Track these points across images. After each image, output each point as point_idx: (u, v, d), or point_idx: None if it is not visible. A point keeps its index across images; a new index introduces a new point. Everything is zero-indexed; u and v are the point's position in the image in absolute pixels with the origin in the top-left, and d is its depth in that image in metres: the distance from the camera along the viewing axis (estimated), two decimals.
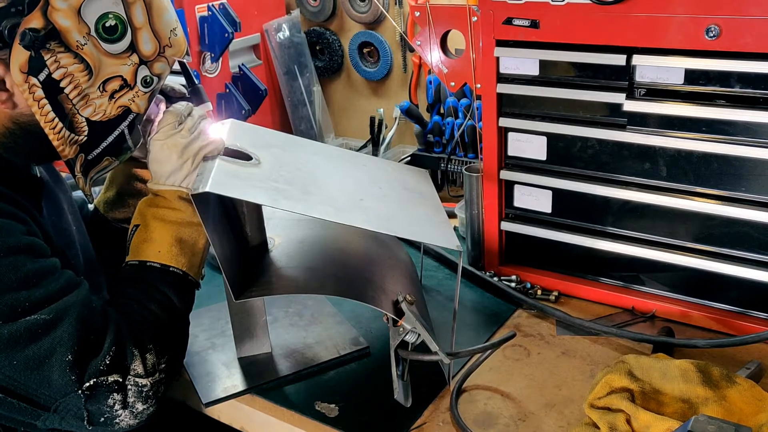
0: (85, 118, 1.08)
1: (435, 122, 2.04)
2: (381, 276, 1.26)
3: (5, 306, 0.97)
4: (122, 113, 1.12)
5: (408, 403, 1.15)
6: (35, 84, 1.02)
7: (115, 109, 1.11)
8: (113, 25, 1.05)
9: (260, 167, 1.20)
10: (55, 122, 1.05)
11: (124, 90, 1.10)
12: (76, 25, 1.02)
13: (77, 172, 1.13)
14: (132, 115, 1.13)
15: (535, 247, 1.51)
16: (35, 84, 1.02)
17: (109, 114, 1.10)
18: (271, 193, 1.12)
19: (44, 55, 1.01)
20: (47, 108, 1.04)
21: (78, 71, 1.04)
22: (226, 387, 1.27)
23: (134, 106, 1.12)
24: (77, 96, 1.06)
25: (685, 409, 1.06)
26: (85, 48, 1.03)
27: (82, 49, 1.03)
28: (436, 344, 1.10)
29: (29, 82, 1.01)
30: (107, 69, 1.07)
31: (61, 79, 1.03)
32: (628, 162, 1.33)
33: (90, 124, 1.09)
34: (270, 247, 1.30)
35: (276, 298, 1.47)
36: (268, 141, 1.33)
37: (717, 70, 1.19)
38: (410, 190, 1.37)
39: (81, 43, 1.03)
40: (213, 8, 1.88)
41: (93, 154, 1.13)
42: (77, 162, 1.12)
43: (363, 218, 1.16)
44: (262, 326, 1.34)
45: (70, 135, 1.08)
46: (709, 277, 1.32)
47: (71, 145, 1.09)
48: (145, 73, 1.11)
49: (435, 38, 1.53)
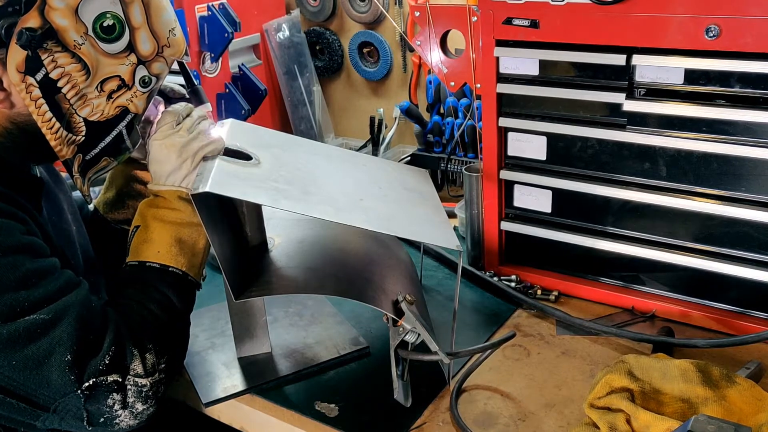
0: (83, 118, 1.08)
1: (435, 122, 2.04)
2: (381, 276, 1.26)
3: (4, 306, 0.97)
4: (120, 113, 1.12)
5: (408, 403, 1.15)
6: (32, 84, 1.01)
7: (113, 109, 1.11)
8: (111, 24, 1.05)
9: (260, 167, 1.20)
10: (53, 122, 1.05)
11: (122, 90, 1.10)
12: (74, 25, 1.01)
13: (75, 172, 1.12)
14: (130, 115, 1.13)
15: (535, 247, 1.51)
16: (32, 84, 1.01)
17: (107, 114, 1.10)
18: (271, 193, 1.12)
19: (41, 54, 1.00)
20: (44, 108, 1.04)
21: (75, 71, 1.04)
22: (226, 387, 1.27)
23: (132, 106, 1.12)
24: (75, 96, 1.06)
25: (685, 409, 1.06)
26: (83, 48, 1.03)
27: (80, 49, 1.03)
28: (436, 344, 1.10)
29: (26, 81, 1.01)
30: (105, 69, 1.07)
31: (58, 78, 1.03)
32: (628, 162, 1.33)
33: (88, 124, 1.09)
34: (270, 247, 1.30)
35: (276, 298, 1.47)
36: (268, 141, 1.33)
37: (717, 70, 1.19)
38: (410, 190, 1.37)
39: (78, 43, 1.03)
40: (213, 8, 1.88)
41: (91, 154, 1.13)
42: (75, 162, 1.11)
43: (363, 218, 1.16)
44: (262, 326, 1.34)
45: (68, 135, 1.08)
46: (709, 277, 1.32)
47: (69, 145, 1.09)
48: (144, 73, 1.11)
49: (435, 38, 1.53)
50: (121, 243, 1.22)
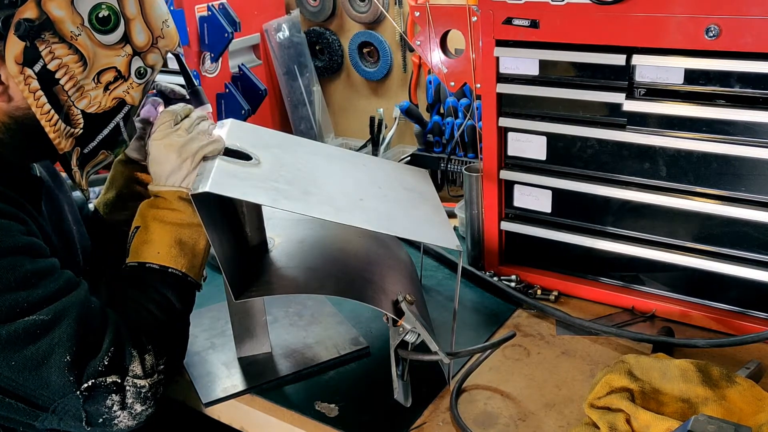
0: (81, 110, 1.09)
1: (435, 122, 2.04)
2: (381, 276, 1.26)
3: (4, 306, 0.97)
4: (117, 105, 1.12)
5: (408, 403, 1.15)
6: (30, 75, 1.02)
7: (110, 101, 1.11)
8: (106, 15, 1.06)
9: (260, 167, 1.20)
10: (51, 114, 1.06)
11: (118, 81, 1.11)
12: (70, 16, 1.02)
13: (74, 166, 1.13)
14: (127, 107, 1.14)
15: (535, 247, 1.51)
16: (30, 75, 1.02)
17: (104, 106, 1.11)
18: (271, 193, 1.12)
19: (39, 45, 1.01)
20: (43, 99, 1.04)
21: (73, 62, 1.05)
22: (226, 387, 1.27)
23: (129, 97, 1.13)
24: (72, 87, 1.06)
25: (685, 409, 1.06)
26: (79, 39, 1.04)
27: (76, 40, 1.04)
28: (436, 344, 1.10)
29: (25, 73, 1.02)
30: (101, 60, 1.08)
31: (56, 70, 1.04)
32: (627, 162, 1.33)
33: (85, 116, 1.10)
34: (270, 247, 1.31)
35: (276, 298, 1.47)
36: (268, 141, 1.33)
37: (717, 70, 1.19)
38: (410, 190, 1.37)
39: (75, 34, 1.03)
40: (213, 8, 1.88)
41: (89, 147, 1.13)
42: (73, 155, 1.12)
43: (363, 218, 1.16)
44: (262, 326, 1.34)
45: (66, 127, 1.08)
46: (709, 277, 1.32)
47: (67, 138, 1.09)
48: (139, 64, 1.12)
49: (435, 38, 1.53)
50: (121, 243, 1.22)
